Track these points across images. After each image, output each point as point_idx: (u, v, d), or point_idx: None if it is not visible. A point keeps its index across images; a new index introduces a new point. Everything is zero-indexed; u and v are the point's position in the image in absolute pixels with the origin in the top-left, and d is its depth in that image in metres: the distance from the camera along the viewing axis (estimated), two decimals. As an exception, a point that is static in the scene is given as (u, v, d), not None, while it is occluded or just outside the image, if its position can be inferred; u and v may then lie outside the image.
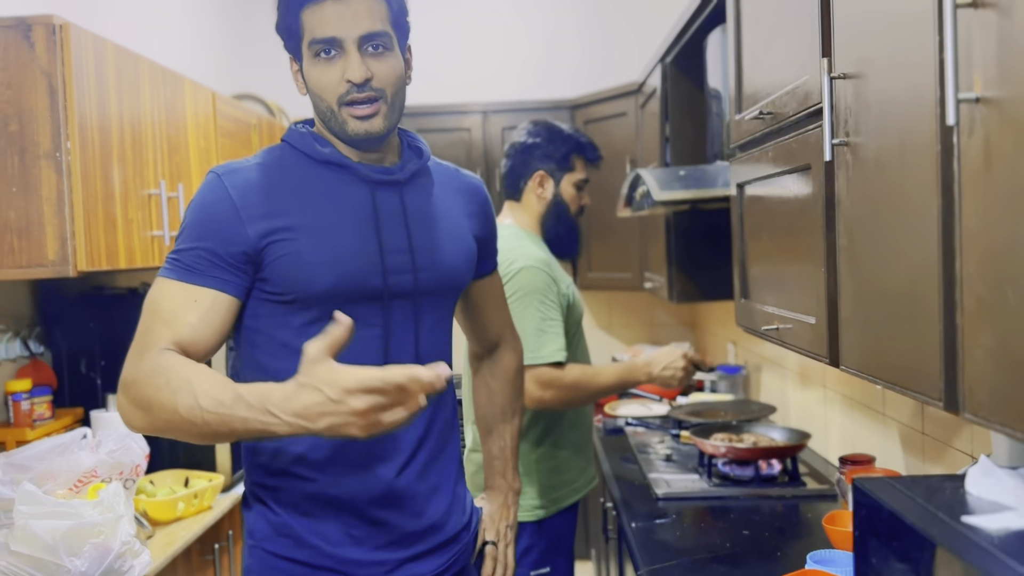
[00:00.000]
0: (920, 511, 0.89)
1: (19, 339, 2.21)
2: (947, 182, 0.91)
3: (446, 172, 1.40)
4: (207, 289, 1.16)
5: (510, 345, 1.58)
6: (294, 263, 1.18)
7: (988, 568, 0.74)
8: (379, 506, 1.25)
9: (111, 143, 1.98)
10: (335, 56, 1.19)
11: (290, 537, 1.23)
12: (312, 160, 1.24)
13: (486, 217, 1.43)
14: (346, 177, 1.24)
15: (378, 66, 1.20)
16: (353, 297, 1.21)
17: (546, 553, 1.94)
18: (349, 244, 1.21)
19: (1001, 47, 0.80)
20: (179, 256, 1.17)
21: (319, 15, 1.19)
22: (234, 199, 1.17)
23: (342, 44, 1.19)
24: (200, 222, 1.18)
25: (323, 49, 1.19)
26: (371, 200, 1.25)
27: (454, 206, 1.36)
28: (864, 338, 1.17)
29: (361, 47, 1.19)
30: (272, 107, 3.49)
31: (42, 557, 1.55)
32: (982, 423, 0.85)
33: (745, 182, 1.74)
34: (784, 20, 1.46)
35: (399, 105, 1.25)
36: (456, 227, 1.35)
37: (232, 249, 1.16)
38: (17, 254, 1.79)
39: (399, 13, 1.25)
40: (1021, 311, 0.77)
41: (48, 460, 1.79)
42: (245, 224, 1.17)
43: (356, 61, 1.18)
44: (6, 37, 1.78)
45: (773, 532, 1.74)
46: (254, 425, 1.03)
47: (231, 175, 1.20)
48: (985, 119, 0.83)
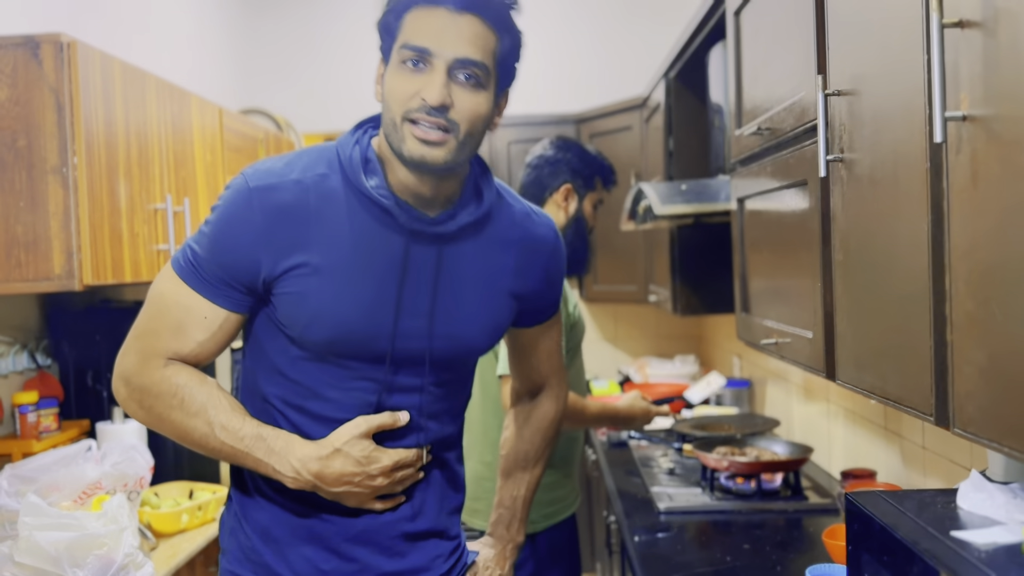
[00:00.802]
0: (911, 525, 0.89)
1: (26, 352, 2.23)
2: (936, 199, 0.92)
3: (512, 219, 1.25)
4: (219, 308, 1.13)
5: (554, 393, 1.47)
6: (299, 304, 1.12)
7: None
8: (356, 543, 1.19)
9: (117, 158, 2.01)
10: (421, 69, 1.08)
11: (257, 563, 1.20)
12: (356, 190, 1.13)
13: (547, 271, 1.30)
14: (385, 219, 1.13)
15: (462, 97, 1.08)
16: (351, 355, 1.15)
17: (542, 564, 1.93)
18: (362, 299, 1.12)
19: (986, 66, 0.81)
20: (197, 263, 1.12)
21: (422, 21, 1.08)
22: (261, 225, 1.10)
23: (432, 59, 1.07)
24: (223, 239, 1.11)
25: (412, 58, 1.08)
26: (403, 252, 1.14)
27: (504, 264, 1.23)
28: (859, 353, 1.17)
29: (451, 71, 1.08)
30: (279, 121, 3.52)
31: (46, 568, 1.56)
32: (972, 439, 0.86)
33: (745, 197, 1.75)
34: (782, 37, 1.47)
35: (471, 146, 1.12)
36: (495, 293, 1.23)
37: (249, 274, 1.12)
38: (24, 268, 1.81)
39: (508, 54, 1.13)
40: (1008, 328, 0.78)
41: (53, 472, 1.81)
42: (267, 254, 1.10)
43: (440, 82, 1.06)
44: (15, 55, 1.81)
45: (774, 546, 1.73)
46: (265, 468, 1.08)
47: (265, 195, 1.10)
48: (972, 137, 0.84)
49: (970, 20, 0.83)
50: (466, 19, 1.08)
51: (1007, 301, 0.78)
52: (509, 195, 1.28)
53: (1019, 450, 0.77)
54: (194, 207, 2.40)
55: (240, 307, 1.15)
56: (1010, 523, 0.87)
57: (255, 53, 3.92)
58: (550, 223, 1.31)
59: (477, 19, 1.08)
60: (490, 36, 1.10)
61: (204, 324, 1.13)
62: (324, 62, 3.95)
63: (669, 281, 2.71)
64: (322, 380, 1.16)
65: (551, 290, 1.33)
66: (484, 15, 1.09)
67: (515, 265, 1.25)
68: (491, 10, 1.09)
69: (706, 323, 3.81)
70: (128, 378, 1.15)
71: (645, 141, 3.20)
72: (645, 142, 3.20)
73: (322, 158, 1.15)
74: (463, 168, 1.17)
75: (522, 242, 1.25)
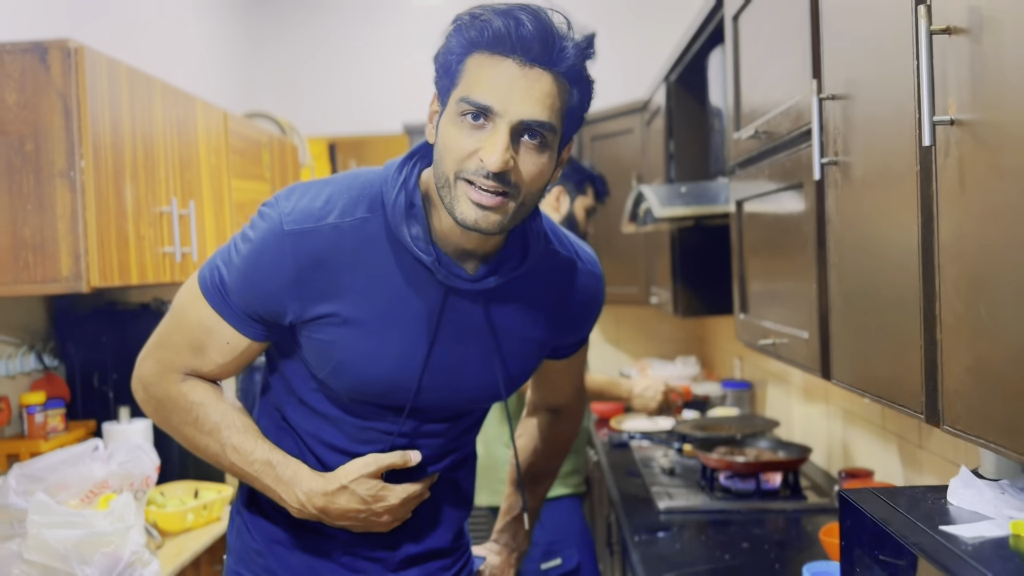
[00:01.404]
0: (901, 520, 0.91)
1: (34, 353, 2.26)
2: (926, 201, 0.94)
3: (556, 268, 1.18)
4: (243, 337, 1.11)
5: (572, 411, 1.46)
6: (325, 351, 1.08)
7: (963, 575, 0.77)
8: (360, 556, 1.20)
9: (124, 162, 2.03)
10: (483, 125, 0.97)
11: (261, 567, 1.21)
12: (396, 239, 1.06)
13: (586, 316, 1.25)
14: (422, 274, 1.07)
15: (525, 159, 0.98)
16: (372, 402, 1.13)
17: (553, 544, 2.00)
18: (389, 353, 1.08)
19: (973, 72, 0.83)
20: (225, 291, 1.08)
21: (487, 71, 0.97)
22: (292, 273, 1.04)
23: (495, 118, 0.97)
24: (252, 277, 1.07)
25: (471, 113, 0.97)
26: (440, 307, 1.08)
27: (542, 315, 1.18)
28: (853, 352, 1.19)
29: (515, 132, 0.97)
30: (283, 124, 3.55)
31: (54, 565, 1.58)
32: (960, 436, 0.88)
33: (744, 199, 1.77)
34: (778, 41, 1.49)
35: (529, 207, 1.03)
36: (530, 345, 1.19)
37: (276, 315, 1.09)
38: (32, 270, 1.84)
39: (578, 107, 1.03)
40: (994, 329, 0.80)
41: (61, 471, 1.84)
42: (296, 300, 1.06)
43: (502, 146, 0.96)
44: (23, 60, 1.84)
45: (773, 545, 1.75)
46: (272, 494, 1.10)
47: (299, 241, 1.04)
48: (959, 141, 0.85)
49: (957, 27, 0.85)
50: (536, 73, 0.97)
51: (993, 302, 0.80)
52: (556, 238, 1.20)
53: (1005, 447, 0.79)
54: (199, 210, 2.42)
55: (263, 337, 1.12)
56: (998, 518, 0.89)
57: (259, 57, 3.95)
58: (595, 268, 1.25)
59: (548, 74, 0.98)
60: (561, 91, 0.99)
61: (226, 349, 1.11)
62: (327, 66, 3.98)
63: (670, 283, 2.73)
64: (339, 413, 1.15)
65: (584, 329, 1.29)
66: (557, 69, 0.98)
67: (554, 315, 1.19)
68: (565, 63, 0.98)
69: (707, 325, 3.82)
70: (146, 385, 1.16)
71: (646, 144, 3.22)
72: (646, 145, 3.22)
73: (364, 197, 1.06)
74: None
75: (565, 292, 1.20)
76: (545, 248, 1.16)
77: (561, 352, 1.31)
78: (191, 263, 2.36)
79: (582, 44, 1.00)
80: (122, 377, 2.33)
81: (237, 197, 2.73)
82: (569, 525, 2.09)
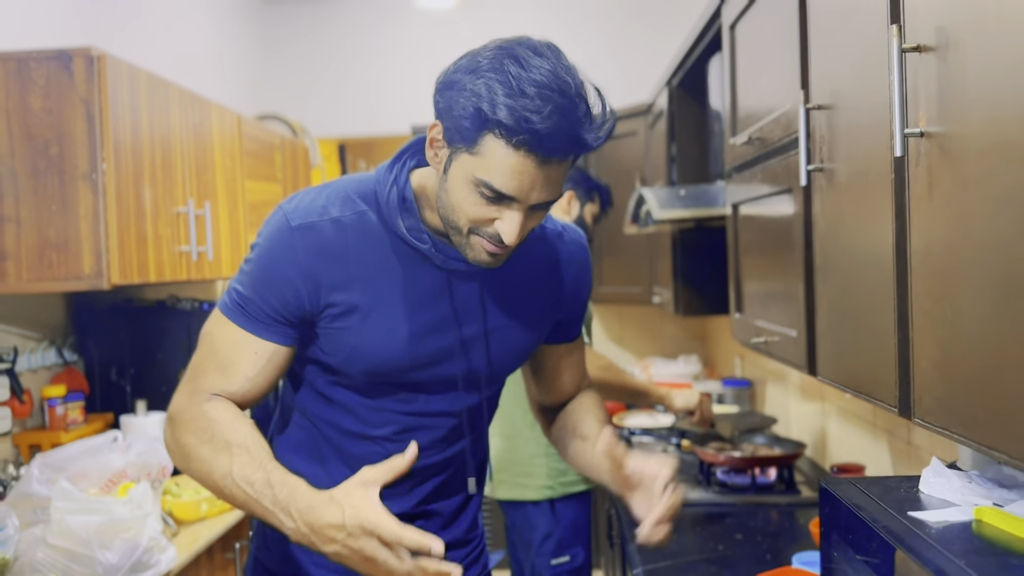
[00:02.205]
0: (873, 507, 0.97)
1: (54, 348, 2.34)
2: (900, 207, 1.00)
3: (545, 239, 1.25)
4: (268, 343, 1.13)
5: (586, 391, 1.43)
6: (339, 339, 1.13)
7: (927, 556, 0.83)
8: None
9: (143, 164, 2.11)
10: (497, 202, 1.02)
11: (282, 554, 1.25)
12: (393, 232, 1.12)
13: (575, 284, 1.29)
14: (422, 259, 1.13)
15: (533, 219, 1.07)
16: (387, 382, 1.17)
17: (564, 542, 2.08)
18: (401, 334, 1.13)
19: (940, 88, 0.89)
20: (244, 302, 1.13)
21: (507, 162, 0.99)
22: (303, 262, 1.10)
23: (513, 204, 1.02)
24: (267, 274, 1.12)
25: (490, 195, 1.01)
26: (446, 286, 1.15)
27: (538, 285, 1.24)
28: (836, 350, 1.25)
29: (530, 210, 1.04)
30: (294, 127, 3.63)
31: (76, 550, 1.66)
32: (929, 428, 0.94)
33: (739, 202, 1.83)
34: (771, 51, 1.55)
35: None
36: (531, 317, 1.24)
37: (293, 307, 1.12)
38: (56, 268, 1.92)
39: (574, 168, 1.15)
40: (957, 326, 0.86)
41: (81, 461, 1.91)
42: (309, 290, 1.11)
43: (517, 226, 1.02)
44: (48, 67, 1.91)
45: (765, 536, 1.82)
46: (271, 520, 1.06)
47: (305, 233, 1.10)
48: (928, 152, 0.92)
49: (927, 45, 0.91)
50: (554, 165, 1.01)
51: (956, 302, 0.86)
52: None
53: (968, 437, 0.85)
54: (214, 210, 2.50)
55: (288, 340, 1.14)
56: (964, 504, 0.95)
57: (271, 61, 4.03)
58: (581, 239, 1.31)
59: (564, 161, 1.02)
60: (568, 167, 1.05)
61: (253, 359, 1.13)
62: (337, 69, 4.06)
63: (671, 282, 2.80)
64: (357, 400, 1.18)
65: (576, 305, 1.31)
66: (573, 155, 1.03)
67: (549, 285, 1.25)
68: (581, 150, 1.02)
69: (709, 324, 3.88)
70: (172, 416, 1.15)
71: (650, 146, 3.28)
72: (650, 147, 3.28)
73: (359, 194, 1.13)
74: None
75: (554, 260, 1.26)
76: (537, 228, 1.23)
77: (558, 332, 1.31)
78: (206, 262, 2.44)
79: (603, 135, 1.02)
80: (139, 372, 2.41)
81: (250, 198, 2.81)
82: (579, 523, 2.16)
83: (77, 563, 1.66)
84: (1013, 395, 0.75)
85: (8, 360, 2.09)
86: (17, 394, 2.11)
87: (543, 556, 2.07)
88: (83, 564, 1.66)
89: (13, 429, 2.15)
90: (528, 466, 2.13)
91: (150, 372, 2.40)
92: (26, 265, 1.93)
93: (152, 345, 2.39)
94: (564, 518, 2.11)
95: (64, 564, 1.66)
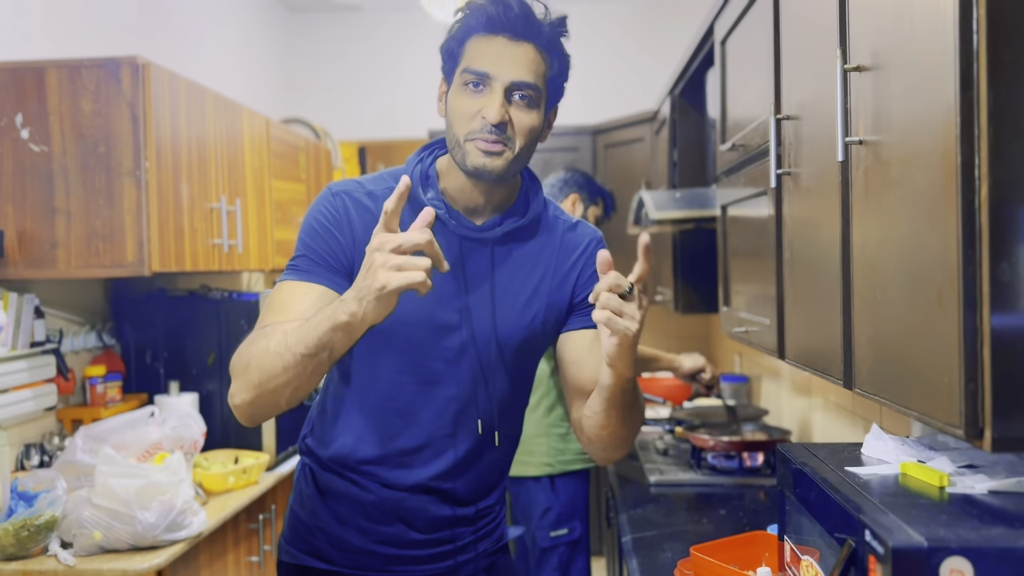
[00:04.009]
0: (817, 464, 1.13)
1: (95, 332, 2.53)
2: (845, 207, 1.15)
3: (558, 227, 1.37)
4: (315, 285, 1.25)
5: None
6: None
7: (852, 499, 0.98)
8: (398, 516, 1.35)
9: (181, 163, 2.30)
10: (481, 91, 1.22)
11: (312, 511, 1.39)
12: (416, 201, 1.28)
13: (591, 273, 1.36)
14: (439, 226, 1.27)
15: (518, 115, 1.23)
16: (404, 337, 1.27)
17: (562, 516, 2.25)
18: None
19: (875, 102, 1.05)
20: (295, 262, 1.27)
21: (483, 48, 1.23)
22: (344, 216, 1.27)
23: (491, 83, 1.22)
24: (311, 229, 1.28)
25: (473, 81, 1.22)
26: (459, 253, 1.28)
27: (547, 269, 1.35)
28: (799, 335, 1.40)
29: (508, 92, 1.22)
30: (317, 130, 3.81)
31: (118, 509, 1.84)
32: (866, 396, 1.09)
33: (727, 204, 1.98)
34: (753, 66, 1.70)
35: (525, 157, 1.27)
36: (536, 293, 1.34)
37: (338, 254, 1.26)
38: (102, 256, 2.10)
39: (558, 75, 1.28)
40: (884, 307, 1.02)
41: (121, 433, 2.10)
42: (347, 241, 1.26)
43: (498, 103, 1.21)
44: (98, 74, 2.10)
45: (747, 512, 1.96)
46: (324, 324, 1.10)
47: (346, 195, 1.29)
48: (865, 158, 1.07)
49: (864, 66, 1.07)
50: (522, 47, 1.23)
51: (883, 286, 1.02)
52: (559, 211, 1.41)
53: (892, 401, 1.00)
54: (244, 207, 2.68)
55: (334, 286, 1.25)
56: (894, 463, 1.10)
57: (296, 68, 4.23)
58: (596, 233, 1.41)
59: (531, 46, 1.23)
60: (542, 60, 1.25)
61: (305, 300, 1.23)
62: (358, 76, 4.25)
63: (672, 281, 2.95)
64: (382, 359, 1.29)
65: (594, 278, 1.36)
66: (537, 42, 1.24)
67: (557, 267, 1.35)
68: (543, 37, 1.25)
69: (711, 322, 4.02)
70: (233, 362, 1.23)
71: (655, 151, 3.44)
72: (655, 152, 3.44)
73: (390, 176, 1.33)
74: (515, 179, 1.32)
75: (564, 246, 1.37)
76: (549, 215, 1.37)
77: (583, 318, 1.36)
78: (236, 254, 2.63)
79: (556, 23, 1.27)
80: (172, 355, 2.60)
81: (276, 196, 3.00)
82: (576, 499, 2.34)
83: (119, 521, 1.84)
84: (921, 362, 0.91)
85: (55, 341, 2.28)
86: (63, 372, 2.30)
87: (543, 529, 2.24)
88: (124, 523, 1.84)
89: (58, 405, 2.34)
90: (530, 444, 2.29)
91: (182, 356, 2.58)
92: (75, 253, 2.12)
93: (184, 331, 2.57)
94: (563, 493, 2.27)
95: (107, 522, 1.84)
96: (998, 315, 0.78)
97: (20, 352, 2.17)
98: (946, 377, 0.83)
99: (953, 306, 0.81)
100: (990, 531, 0.83)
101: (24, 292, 2.19)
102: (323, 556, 1.39)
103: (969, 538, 0.81)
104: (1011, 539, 0.81)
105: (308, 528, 1.40)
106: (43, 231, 2.12)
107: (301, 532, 1.41)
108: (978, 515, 0.88)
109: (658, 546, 1.75)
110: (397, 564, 1.37)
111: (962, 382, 0.80)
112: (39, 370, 2.24)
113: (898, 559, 0.81)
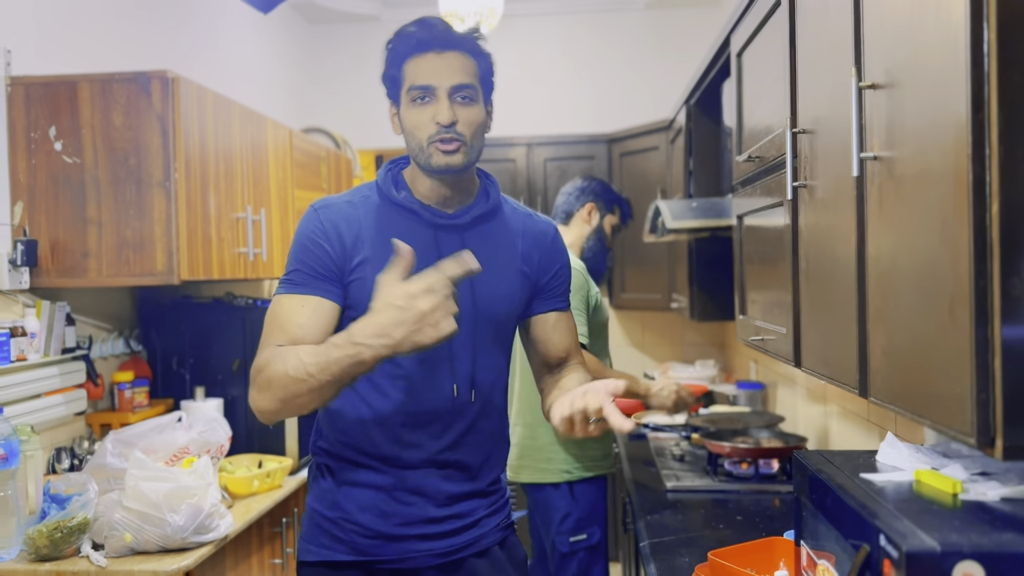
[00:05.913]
0: (832, 471, 1.16)
1: (123, 338, 2.59)
2: (860, 220, 1.18)
3: (516, 216, 1.56)
4: (311, 296, 1.39)
5: (576, 361, 1.63)
6: (361, 289, 1.38)
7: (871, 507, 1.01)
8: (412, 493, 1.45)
9: (208, 174, 2.35)
10: (428, 101, 1.40)
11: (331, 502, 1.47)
12: (390, 202, 1.45)
13: (550, 257, 1.56)
14: (415, 219, 1.45)
15: (463, 113, 1.40)
16: None
17: (582, 521, 2.29)
18: None
19: (889, 119, 1.08)
20: (289, 276, 1.41)
21: (420, 66, 1.40)
22: (329, 229, 1.41)
23: (435, 92, 1.39)
24: (302, 245, 1.42)
25: (419, 96, 1.40)
26: (434, 240, 1.44)
27: (513, 247, 1.52)
28: (815, 343, 1.43)
29: (451, 96, 1.39)
30: (337, 139, 3.87)
31: (148, 512, 1.89)
32: (881, 405, 1.12)
33: (743, 214, 2.01)
34: (769, 79, 1.74)
35: (478, 148, 1.45)
36: (508, 270, 1.51)
37: (327, 264, 1.40)
38: (132, 265, 2.16)
39: (487, 72, 1.47)
40: (897, 318, 1.05)
41: (149, 437, 2.14)
42: (335, 248, 1.41)
43: (445, 107, 1.38)
44: (128, 88, 2.16)
45: (764, 518, 1.99)
46: (346, 361, 1.23)
47: (325, 210, 1.44)
48: (879, 173, 1.10)
49: (879, 84, 1.10)
50: (451, 55, 1.41)
51: (896, 297, 1.05)
52: (513, 202, 1.60)
53: (906, 409, 1.03)
54: (269, 216, 2.74)
55: (328, 295, 1.39)
56: (908, 470, 1.13)
57: (316, 78, 4.30)
58: (549, 222, 1.60)
59: (458, 53, 1.42)
60: (471, 63, 1.43)
61: (303, 311, 1.38)
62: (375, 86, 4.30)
63: (688, 289, 2.98)
64: None
65: (557, 279, 1.57)
66: (462, 49, 1.42)
67: (522, 249, 1.53)
68: (465, 44, 1.43)
69: (727, 330, 4.05)
70: (252, 376, 1.34)
71: (670, 160, 3.47)
72: (670, 161, 3.47)
73: (365, 187, 1.50)
74: (473, 171, 1.50)
75: (525, 232, 1.55)
76: (505, 203, 1.56)
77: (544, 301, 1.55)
78: (261, 262, 2.68)
79: (472, 30, 1.46)
80: (197, 361, 2.65)
81: (299, 205, 3.05)
82: (596, 505, 2.37)
83: (149, 524, 1.89)
84: (934, 372, 0.94)
85: (85, 348, 2.34)
86: (92, 378, 2.36)
87: (562, 534, 2.28)
88: (154, 525, 1.89)
89: (87, 409, 2.40)
90: (548, 452, 2.33)
91: (207, 362, 2.63)
92: (106, 262, 2.18)
93: (209, 338, 2.63)
94: (582, 499, 2.30)
95: (137, 524, 1.89)
96: (1009, 327, 0.81)
97: (52, 358, 2.23)
98: (958, 387, 0.86)
99: (965, 318, 0.84)
100: (1002, 536, 0.86)
101: (56, 300, 2.25)
102: (346, 545, 1.46)
103: (981, 543, 0.84)
104: (1022, 544, 0.84)
105: (330, 520, 1.48)
106: (75, 241, 2.18)
107: (323, 526, 1.48)
108: (990, 521, 0.90)
109: (675, 551, 1.78)
110: (419, 542, 1.46)
111: (974, 392, 0.83)
112: (70, 376, 2.30)
113: (912, 563, 0.84)
